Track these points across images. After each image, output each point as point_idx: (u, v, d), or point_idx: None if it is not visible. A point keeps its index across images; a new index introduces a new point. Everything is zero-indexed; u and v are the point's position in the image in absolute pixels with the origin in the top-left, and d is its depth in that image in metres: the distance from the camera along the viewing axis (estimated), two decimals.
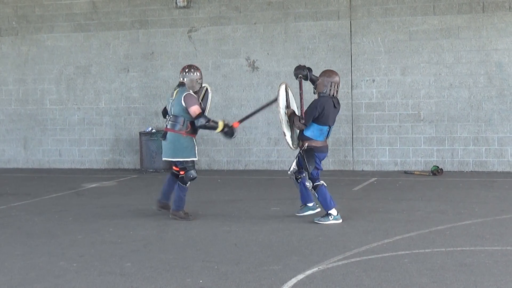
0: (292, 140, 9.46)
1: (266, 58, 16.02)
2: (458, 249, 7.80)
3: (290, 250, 7.87)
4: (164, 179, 14.48)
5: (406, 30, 15.27)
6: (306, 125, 9.39)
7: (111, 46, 16.99)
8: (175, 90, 9.84)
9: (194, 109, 9.53)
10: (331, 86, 9.52)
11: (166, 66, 16.66)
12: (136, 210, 10.77)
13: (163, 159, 9.91)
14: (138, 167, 16.65)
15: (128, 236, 8.89)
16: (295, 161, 9.66)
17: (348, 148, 15.69)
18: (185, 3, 16.28)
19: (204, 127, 9.62)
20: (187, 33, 16.51)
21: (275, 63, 15.97)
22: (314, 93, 9.68)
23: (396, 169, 15.44)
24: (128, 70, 16.85)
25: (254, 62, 16.09)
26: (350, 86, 15.53)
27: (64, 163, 17.43)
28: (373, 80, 15.45)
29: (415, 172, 14.95)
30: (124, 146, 16.99)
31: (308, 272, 6.84)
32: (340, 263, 7.23)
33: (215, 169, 16.43)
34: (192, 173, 9.69)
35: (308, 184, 9.42)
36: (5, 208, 11.31)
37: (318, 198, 9.42)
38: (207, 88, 10.08)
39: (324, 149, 9.58)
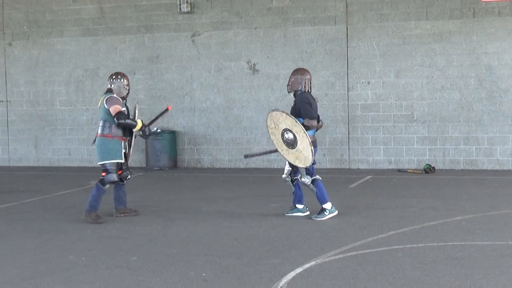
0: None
1: (266, 61, 16.30)
2: (450, 243, 7.86)
3: (289, 245, 7.94)
4: (168, 177, 15.07)
5: (400, 35, 15.55)
6: (315, 117, 9.43)
7: (118, 49, 17.28)
8: (101, 97, 9.85)
9: (114, 108, 9.51)
10: (305, 83, 9.64)
11: (171, 69, 16.96)
12: (142, 207, 10.84)
13: (98, 163, 9.82)
14: (143, 165, 16.90)
15: (134, 231, 9.00)
16: (287, 163, 9.69)
17: (345, 147, 15.97)
18: (189, 9, 16.55)
19: (124, 124, 9.50)
20: (191, 37, 16.80)
21: (274, 66, 16.26)
22: (289, 92, 9.80)
23: (390, 167, 15.67)
24: (134, 73, 17.11)
25: (254, 65, 16.36)
26: (346, 88, 15.86)
27: (73, 162, 17.65)
28: (369, 82, 15.73)
29: (408, 171, 15.11)
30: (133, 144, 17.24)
31: (306, 266, 6.93)
32: (336, 257, 7.31)
33: (217, 167, 16.65)
34: (113, 176, 9.61)
35: (307, 179, 9.45)
36: (17, 204, 11.49)
37: (316, 192, 9.46)
38: (135, 105, 10.06)
39: (315, 143, 9.54)
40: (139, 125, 9.67)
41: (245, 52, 16.51)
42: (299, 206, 9.93)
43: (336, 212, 9.64)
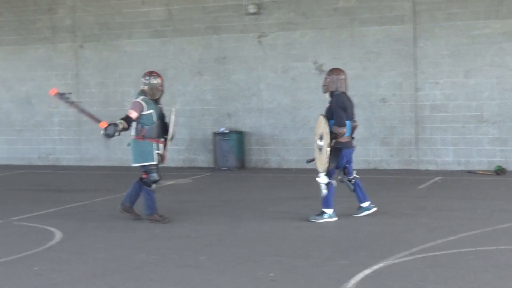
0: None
1: (333, 61, 15.99)
2: None
3: (357, 246, 7.93)
4: (235, 177, 15.20)
5: (469, 34, 15.33)
6: (345, 125, 9.39)
7: (185, 51, 17.47)
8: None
9: (128, 112, 9.53)
10: (340, 83, 9.59)
11: (238, 70, 17.06)
12: (210, 206, 10.99)
13: (132, 165, 9.80)
14: (211, 165, 17.00)
15: (203, 230, 9.14)
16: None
17: (413, 148, 15.82)
18: (256, 10, 16.65)
19: (115, 131, 9.41)
20: (257, 38, 16.89)
21: (341, 66, 15.50)
22: (324, 92, 9.76)
23: (459, 168, 15.44)
24: (202, 74, 17.31)
25: (321, 65, 16.25)
26: (414, 88, 15.73)
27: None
28: (437, 83, 15.55)
29: (478, 172, 14.91)
30: (199, 145, 17.37)
31: (375, 267, 6.88)
32: (406, 259, 7.25)
33: (284, 167, 16.65)
34: (154, 175, 9.59)
35: (324, 179, 9.42)
36: (89, 203, 11.80)
37: (326, 195, 9.47)
38: (172, 110, 9.84)
39: (350, 144, 9.56)
40: (103, 124, 9.51)
41: (312, 53, 16.49)
42: (365, 205, 9.88)
43: (336, 219, 9.54)
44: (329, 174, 9.51)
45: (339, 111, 9.40)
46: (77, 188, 14.00)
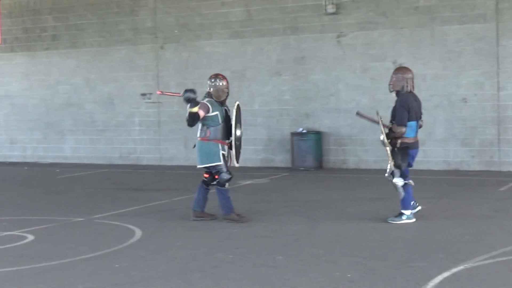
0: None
1: (413, 61, 15.90)
2: None
3: (435, 248, 7.83)
4: (313, 177, 15.19)
5: None
6: (406, 125, 9.33)
7: (264, 51, 17.55)
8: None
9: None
10: (407, 82, 9.49)
11: (316, 70, 17.04)
12: (288, 206, 11.02)
13: (197, 167, 9.88)
14: (289, 165, 17.01)
15: (280, 230, 9.16)
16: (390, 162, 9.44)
17: (495, 149, 15.52)
18: (334, 10, 16.60)
19: (188, 121, 9.59)
20: (336, 38, 16.83)
21: (421, 66, 15.92)
22: (391, 91, 9.68)
23: None
24: (280, 74, 17.35)
25: (401, 65, 16.08)
26: (496, 88, 15.43)
27: None
28: None
29: None
30: (277, 145, 17.42)
31: (454, 270, 6.79)
32: (486, 262, 7.13)
33: (362, 168, 16.56)
34: (226, 175, 9.63)
35: (399, 181, 9.33)
36: (168, 202, 11.98)
37: (404, 196, 9.35)
38: (238, 105, 9.93)
39: (416, 145, 9.52)
40: (192, 109, 9.47)
41: (391, 52, 16.37)
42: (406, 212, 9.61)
43: (414, 220, 9.41)
44: (403, 174, 9.44)
45: (402, 110, 9.35)
46: (157, 187, 14.23)
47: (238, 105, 9.92)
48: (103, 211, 11.05)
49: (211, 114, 9.67)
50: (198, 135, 9.76)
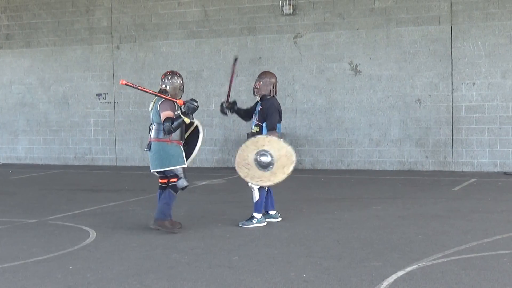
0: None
1: (369, 62, 16.19)
2: None
3: (390, 248, 7.90)
4: None
5: (507, 34, 15.17)
6: (276, 128, 9.38)
7: (221, 51, 17.53)
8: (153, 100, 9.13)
9: (164, 114, 8.83)
10: (273, 87, 9.55)
11: (273, 71, 16.37)
12: (243, 207, 10.88)
13: (152, 171, 9.13)
14: None
15: (236, 231, 9.13)
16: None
17: (448, 150, 15.68)
18: (291, 11, 16.65)
19: (171, 128, 8.78)
20: (293, 39, 16.88)
21: (377, 67, 16.13)
22: (255, 95, 9.64)
23: (496, 170, 15.30)
24: (237, 75, 17.06)
25: (356, 66, 16.29)
26: (450, 89, 15.59)
27: None
28: (474, 83, 15.41)
29: None
30: (233, 146, 17.27)
31: (408, 269, 6.85)
32: (439, 261, 7.20)
33: (318, 168, 16.63)
34: (184, 182, 9.01)
35: (255, 185, 9.39)
36: (123, 203, 11.83)
37: (257, 200, 9.40)
38: (197, 125, 9.29)
39: None
40: (186, 119, 8.90)
41: (347, 53, 16.46)
42: (272, 212, 9.83)
43: (265, 224, 9.46)
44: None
45: (274, 114, 9.40)
46: (112, 188, 14.11)
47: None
48: (57, 213, 10.91)
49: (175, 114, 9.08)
50: (155, 135, 9.00)
